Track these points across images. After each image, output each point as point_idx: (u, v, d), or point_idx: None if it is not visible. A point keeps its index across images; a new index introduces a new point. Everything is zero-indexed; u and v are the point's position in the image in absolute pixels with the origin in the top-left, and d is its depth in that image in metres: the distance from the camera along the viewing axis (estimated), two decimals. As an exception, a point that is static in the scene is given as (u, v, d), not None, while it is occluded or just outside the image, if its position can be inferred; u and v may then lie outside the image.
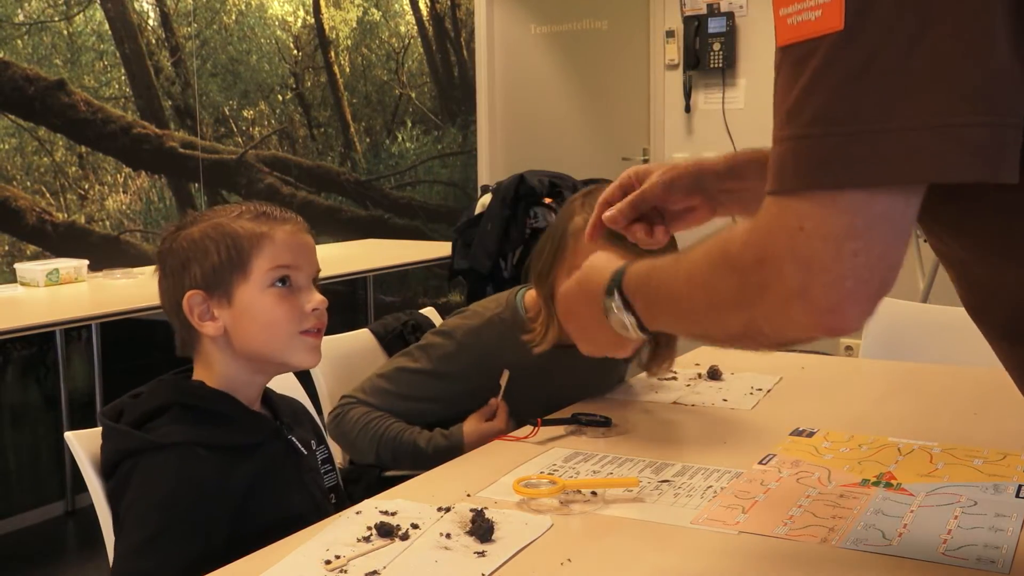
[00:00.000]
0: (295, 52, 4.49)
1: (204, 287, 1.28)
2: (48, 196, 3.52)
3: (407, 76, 5.11)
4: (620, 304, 0.99)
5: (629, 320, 1.00)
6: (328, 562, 1.09)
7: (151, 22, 3.87)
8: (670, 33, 5.25)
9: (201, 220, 1.32)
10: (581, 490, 1.30)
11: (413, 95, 5.14)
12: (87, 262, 3.42)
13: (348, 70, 4.77)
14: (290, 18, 4.46)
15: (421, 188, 5.17)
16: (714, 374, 1.93)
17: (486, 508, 1.21)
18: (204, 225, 1.31)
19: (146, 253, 3.84)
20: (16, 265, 3.31)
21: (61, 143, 3.55)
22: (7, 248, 3.40)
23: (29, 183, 3.46)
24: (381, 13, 4.94)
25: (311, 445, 1.41)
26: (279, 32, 4.41)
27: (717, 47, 5.11)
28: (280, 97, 4.43)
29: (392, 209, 4.99)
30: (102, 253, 3.65)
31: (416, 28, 5.15)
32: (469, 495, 1.31)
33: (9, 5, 3.38)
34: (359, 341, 1.98)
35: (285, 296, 1.30)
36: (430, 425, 1.71)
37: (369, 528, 1.18)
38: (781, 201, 0.74)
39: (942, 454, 1.41)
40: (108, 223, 3.72)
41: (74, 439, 1.31)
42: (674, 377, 1.93)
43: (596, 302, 1.03)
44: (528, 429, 1.59)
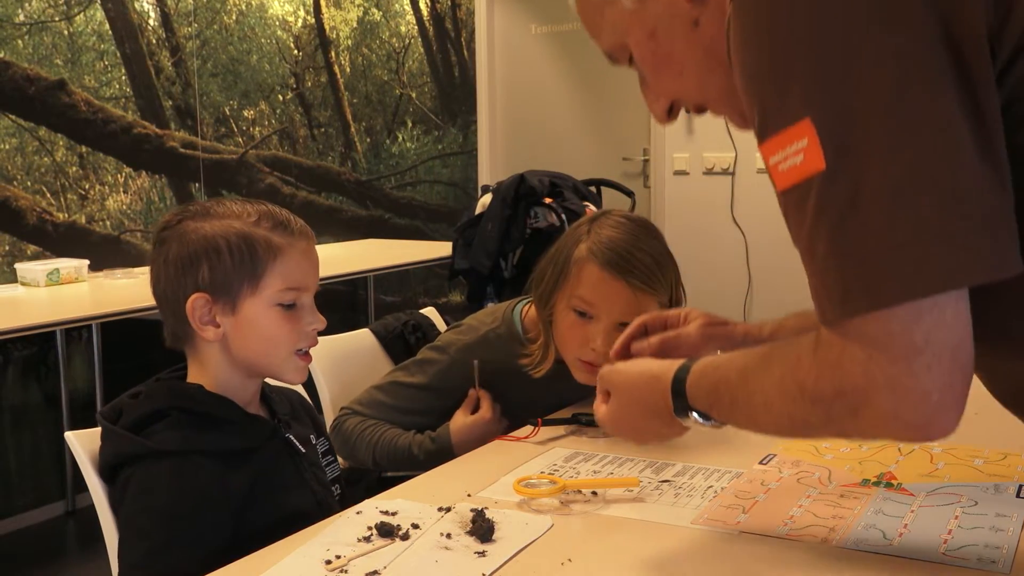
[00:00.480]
0: (296, 52, 4.49)
1: (211, 291, 1.26)
2: (49, 196, 3.52)
3: (407, 76, 5.11)
4: (698, 418, 1.01)
5: (710, 424, 1.01)
6: (328, 562, 1.09)
7: (151, 22, 3.87)
8: (670, 33, 5.24)
9: (213, 215, 1.28)
10: (581, 490, 1.30)
11: (413, 95, 5.14)
12: (88, 262, 3.42)
13: (348, 70, 4.77)
14: (291, 18, 4.46)
15: (421, 188, 5.17)
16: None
17: (486, 508, 1.21)
18: (219, 224, 1.27)
19: (147, 253, 3.82)
20: (17, 265, 3.31)
21: (62, 143, 3.55)
22: (8, 248, 3.40)
23: (30, 183, 3.46)
24: (381, 13, 4.94)
25: (310, 440, 1.41)
26: (280, 32, 4.41)
27: (718, 47, 5.10)
28: (280, 97, 4.43)
29: (392, 209, 4.99)
30: (103, 253, 3.65)
31: (416, 28, 5.15)
32: (469, 495, 1.31)
33: (10, 5, 3.38)
34: (359, 341, 1.98)
35: (289, 316, 1.29)
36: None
37: (369, 528, 1.18)
38: (839, 333, 0.77)
39: (943, 454, 1.41)
40: (109, 223, 3.72)
41: (75, 439, 1.31)
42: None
43: (663, 414, 1.05)
44: (528, 429, 1.59)
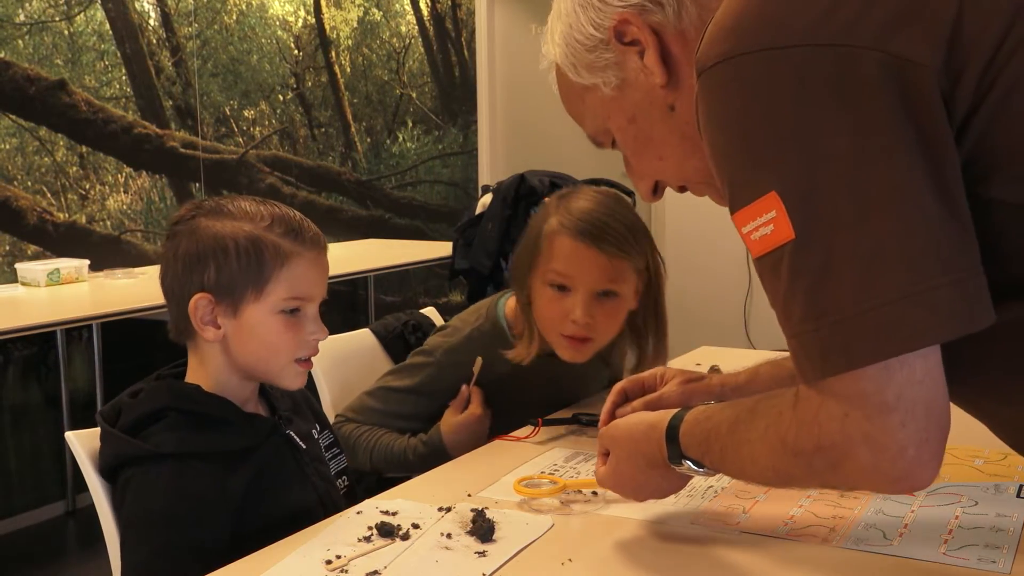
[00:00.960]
0: (296, 52, 4.49)
1: (215, 291, 1.25)
2: (49, 196, 3.52)
3: (408, 76, 5.11)
4: (692, 465, 1.04)
5: (704, 472, 1.04)
6: (329, 562, 1.09)
7: (152, 22, 3.87)
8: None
9: (226, 214, 1.27)
10: (582, 490, 1.30)
11: (414, 95, 5.14)
12: (88, 262, 3.42)
13: (349, 70, 4.77)
14: (291, 18, 4.46)
15: (422, 188, 5.17)
16: (715, 373, 1.93)
17: (487, 508, 1.21)
18: (231, 224, 1.26)
19: (147, 253, 3.84)
20: (17, 265, 3.31)
21: (62, 143, 3.55)
22: (8, 248, 3.40)
23: (30, 183, 3.46)
24: (382, 13, 4.94)
25: (312, 434, 1.40)
26: (280, 32, 4.41)
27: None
28: (281, 97, 4.43)
29: (393, 209, 4.99)
30: (103, 253, 3.65)
31: (417, 28, 5.15)
32: (470, 495, 1.31)
33: (10, 5, 3.38)
34: (360, 341, 1.98)
35: (291, 324, 1.28)
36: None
37: (370, 528, 1.18)
38: (816, 392, 0.80)
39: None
40: (109, 223, 3.72)
41: (75, 439, 1.31)
42: (675, 377, 1.92)
43: (660, 464, 1.07)
44: (529, 429, 1.59)
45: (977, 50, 0.73)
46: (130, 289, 3.27)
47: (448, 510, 1.24)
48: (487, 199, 3.49)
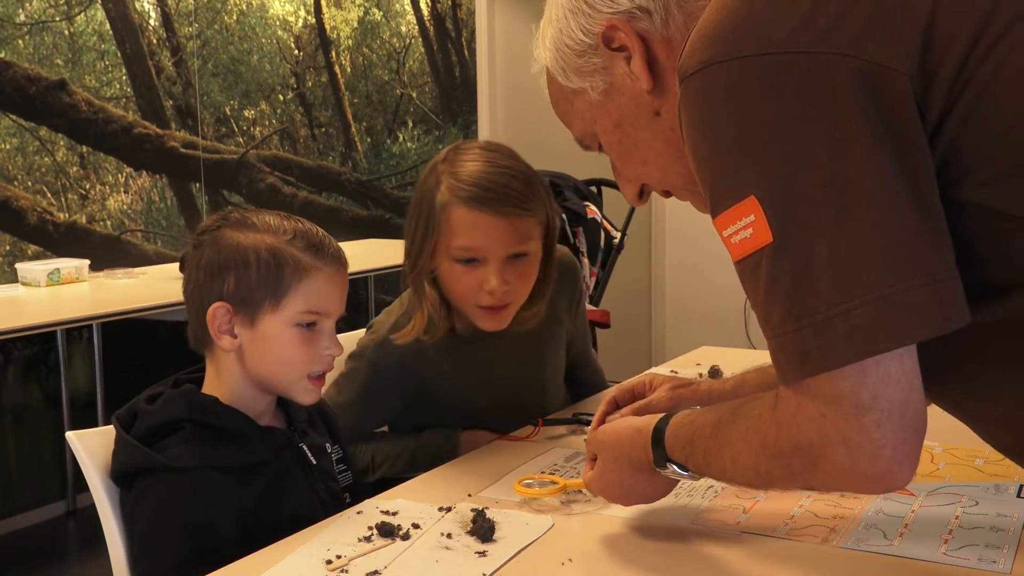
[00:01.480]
0: (296, 52, 4.49)
1: (233, 301, 1.26)
2: (49, 196, 3.52)
3: (408, 76, 5.11)
4: (677, 469, 1.04)
5: (688, 476, 1.05)
6: (329, 562, 1.09)
7: (152, 22, 3.87)
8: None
9: (250, 226, 1.29)
10: (582, 490, 1.30)
11: (414, 95, 5.14)
12: (88, 262, 3.42)
13: (349, 70, 4.77)
14: (291, 18, 4.46)
15: (422, 188, 5.17)
16: (715, 373, 1.93)
17: (487, 508, 1.21)
18: (253, 236, 1.27)
19: (147, 253, 3.84)
20: (17, 265, 3.31)
21: (62, 143, 3.56)
22: (8, 248, 3.40)
23: (30, 183, 3.46)
24: (382, 13, 4.94)
25: (325, 448, 1.40)
26: (280, 32, 4.41)
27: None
28: (281, 97, 4.43)
29: (393, 209, 4.99)
30: (103, 253, 3.65)
31: (417, 28, 5.15)
32: (470, 495, 1.31)
33: (10, 5, 3.38)
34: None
35: (307, 339, 1.28)
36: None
37: (370, 528, 1.18)
38: (794, 392, 0.82)
39: (943, 454, 1.41)
40: (109, 223, 3.72)
41: (75, 439, 1.31)
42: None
43: (646, 468, 1.09)
44: (529, 429, 1.59)
45: (949, 55, 0.75)
46: (130, 289, 3.27)
47: (448, 510, 1.24)
48: (487, 199, 3.48)
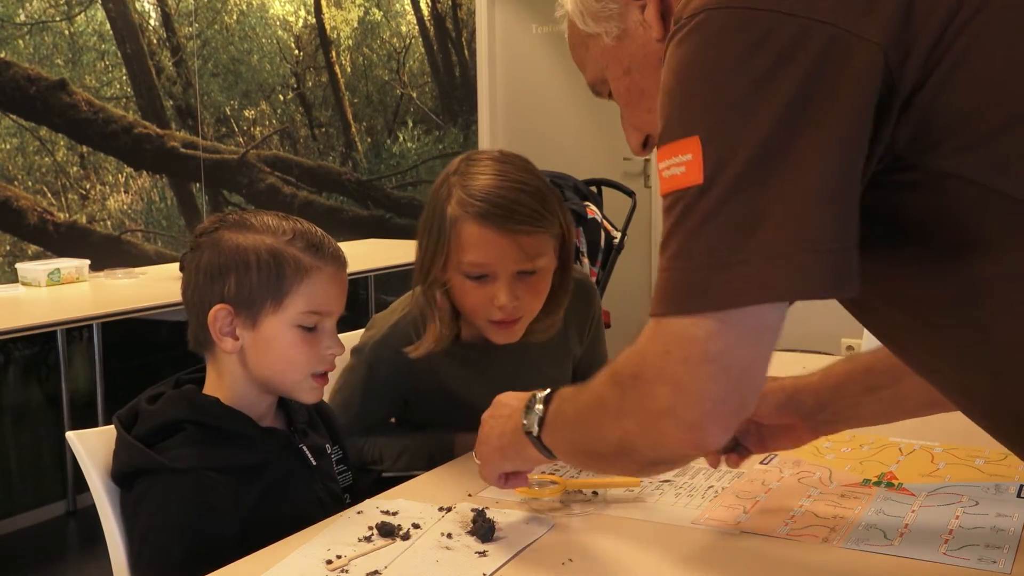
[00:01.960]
0: (296, 52, 4.49)
1: (234, 303, 1.26)
2: (49, 196, 3.52)
3: (408, 76, 5.11)
4: (539, 410, 1.07)
5: (530, 420, 1.08)
6: (329, 562, 1.09)
7: (152, 22, 3.87)
8: (671, 33, 5.24)
9: (249, 227, 1.29)
10: (582, 490, 1.30)
11: (414, 95, 5.14)
12: (88, 262, 3.42)
13: (349, 70, 4.77)
14: (291, 18, 4.46)
15: (422, 188, 5.17)
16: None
17: (487, 508, 1.21)
18: (253, 238, 1.27)
19: (147, 253, 3.84)
20: (18, 265, 3.31)
21: (62, 143, 3.56)
22: (9, 248, 3.40)
23: (31, 183, 3.46)
24: (382, 13, 4.94)
25: (325, 449, 1.40)
26: (280, 32, 4.41)
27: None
28: (281, 97, 4.43)
29: (393, 209, 4.99)
30: (103, 253, 3.65)
31: (417, 28, 5.15)
32: (470, 495, 1.31)
33: (10, 5, 3.38)
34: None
35: (309, 339, 1.28)
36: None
37: (370, 528, 1.18)
38: (655, 324, 0.84)
39: (943, 454, 1.41)
40: (109, 223, 3.72)
41: (75, 439, 1.31)
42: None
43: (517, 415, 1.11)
44: (529, 429, 1.59)
45: (927, 27, 0.77)
46: (130, 289, 3.27)
47: (449, 510, 1.24)
48: (487, 199, 3.49)
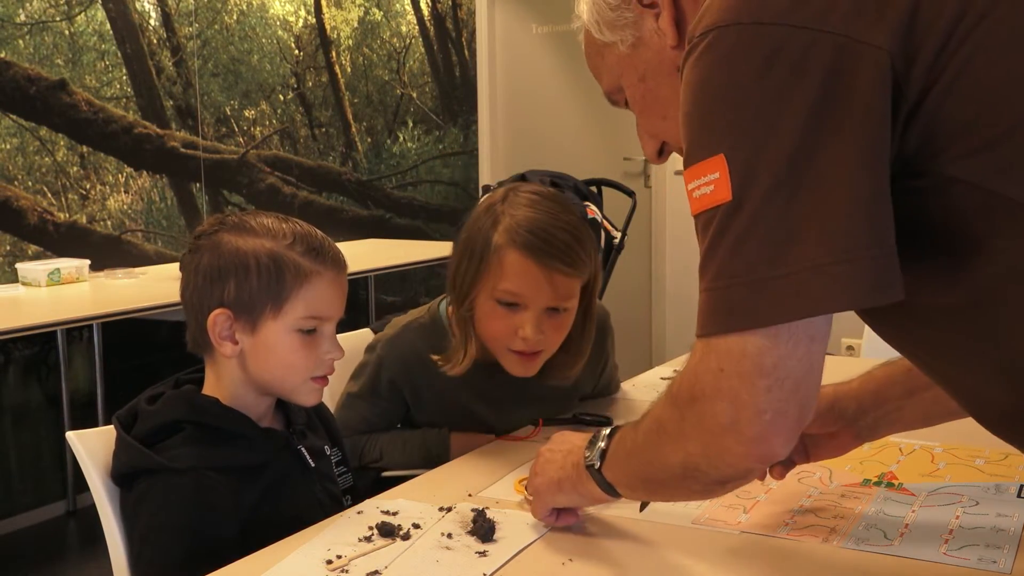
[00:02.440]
0: (296, 52, 4.49)
1: (234, 308, 1.26)
2: (50, 196, 3.52)
3: (408, 76, 5.11)
4: (601, 445, 1.09)
5: (592, 454, 1.09)
6: (329, 562, 1.09)
7: (152, 22, 3.87)
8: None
9: (249, 230, 1.28)
10: (582, 490, 1.30)
11: (414, 95, 5.14)
12: (88, 262, 3.42)
13: (349, 70, 4.77)
14: (291, 18, 4.46)
15: (422, 188, 5.17)
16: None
17: (487, 508, 1.22)
18: (253, 241, 1.27)
19: (148, 253, 3.84)
20: (18, 265, 3.31)
21: (63, 143, 3.55)
22: (9, 248, 3.40)
23: (31, 183, 3.46)
24: (382, 13, 4.94)
25: (324, 450, 1.40)
26: (280, 32, 4.41)
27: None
28: (281, 97, 4.43)
29: (393, 209, 4.99)
30: (104, 253, 3.64)
31: (417, 28, 5.15)
32: (471, 495, 1.31)
33: (11, 5, 3.38)
34: (360, 341, 1.98)
35: (308, 343, 1.28)
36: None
37: (370, 528, 1.18)
38: (704, 345, 0.86)
39: (944, 454, 1.41)
40: (110, 223, 3.72)
41: (76, 439, 1.31)
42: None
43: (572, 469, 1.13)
44: (529, 429, 1.59)
45: (932, 34, 0.79)
46: (131, 289, 3.27)
47: (449, 510, 1.24)
48: (488, 199, 3.49)
